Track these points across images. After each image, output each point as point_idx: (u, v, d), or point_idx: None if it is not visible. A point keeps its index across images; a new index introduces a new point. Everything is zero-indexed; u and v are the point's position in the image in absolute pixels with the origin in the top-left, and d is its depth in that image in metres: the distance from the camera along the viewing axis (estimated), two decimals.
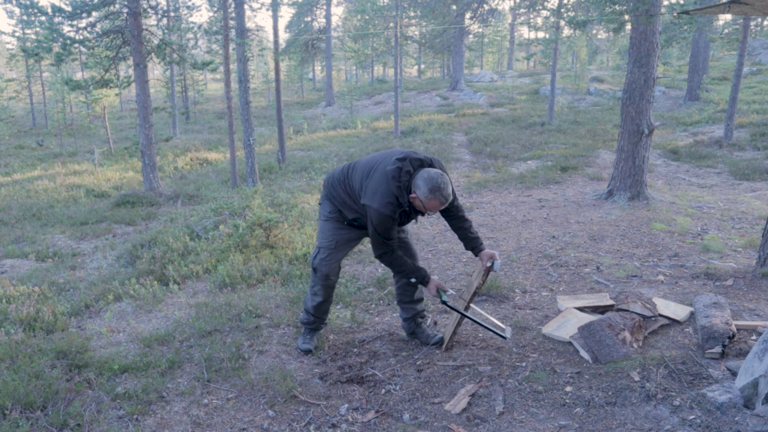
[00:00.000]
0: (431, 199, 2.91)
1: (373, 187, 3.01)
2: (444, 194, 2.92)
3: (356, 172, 3.20)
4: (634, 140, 7.41)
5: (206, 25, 19.76)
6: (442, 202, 2.93)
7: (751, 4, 3.54)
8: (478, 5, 23.47)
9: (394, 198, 2.96)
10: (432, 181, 2.90)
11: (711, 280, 4.50)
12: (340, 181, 3.28)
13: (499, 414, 2.79)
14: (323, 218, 3.41)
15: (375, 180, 3.03)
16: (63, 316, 4.43)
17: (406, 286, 3.53)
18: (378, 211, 2.97)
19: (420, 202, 2.95)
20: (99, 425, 2.79)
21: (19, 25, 25.27)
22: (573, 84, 24.41)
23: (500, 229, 6.57)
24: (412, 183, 2.96)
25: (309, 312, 3.56)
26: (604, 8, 8.79)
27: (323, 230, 3.41)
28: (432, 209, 2.98)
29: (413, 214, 3.14)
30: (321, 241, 3.41)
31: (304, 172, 11.87)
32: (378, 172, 3.04)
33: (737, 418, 2.54)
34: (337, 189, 3.30)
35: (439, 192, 2.90)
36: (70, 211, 9.66)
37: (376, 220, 3.00)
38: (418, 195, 2.93)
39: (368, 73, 41.11)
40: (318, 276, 3.45)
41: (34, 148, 19.06)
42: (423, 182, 2.91)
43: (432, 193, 2.89)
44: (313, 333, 3.62)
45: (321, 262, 3.40)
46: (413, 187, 2.95)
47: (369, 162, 3.17)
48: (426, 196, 2.90)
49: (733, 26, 19.29)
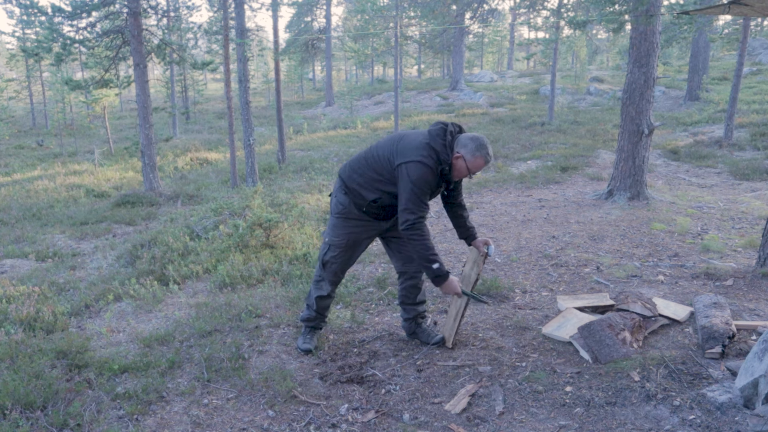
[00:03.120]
0: (477, 157, 2.96)
1: (413, 145, 2.97)
2: (489, 153, 3.00)
3: (380, 146, 3.14)
4: (634, 140, 7.41)
5: (206, 25, 19.78)
6: (486, 160, 2.99)
7: (751, 5, 3.54)
8: (478, 5, 23.48)
9: (436, 154, 2.94)
10: (478, 139, 2.98)
11: (711, 280, 4.50)
12: (359, 160, 3.21)
13: (499, 414, 2.79)
14: (336, 214, 3.29)
15: (413, 139, 3.00)
16: (63, 316, 4.43)
17: (410, 288, 3.50)
18: (420, 163, 2.91)
19: (464, 161, 2.97)
20: (99, 425, 2.79)
21: (19, 25, 25.30)
22: (573, 84, 24.42)
23: (500, 229, 6.57)
24: (455, 143, 2.99)
25: (311, 307, 3.50)
26: (604, 8, 8.79)
27: (335, 227, 3.30)
28: (476, 168, 2.99)
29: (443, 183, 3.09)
30: (332, 238, 3.31)
31: (304, 172, 11.87)
32: (414, 134, 3.04)
33: (737, 418, 2.54)
34: (355, 170, 3.20)
35: (486, 150, 2.97)
36: (70, 211, 9.66)
37: (415, 174, 2.91)
38: (463, 153, 2.96)
39: (368, 73, 41.11)
40: (327, 271, 3.38)
41: (34, 148, 19.07)
42: (469, 140, 2.97)
43: (479, 151, 2.95)
44: (314, 332, 3.58)
45: (332, 259, 3.33)
46: (458, 146, 2.98)
47: (393, 135, 3.15)
48: (473, 154, 2.95)
49: (733, 26, 19.31)
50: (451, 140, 2.98)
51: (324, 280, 3.41)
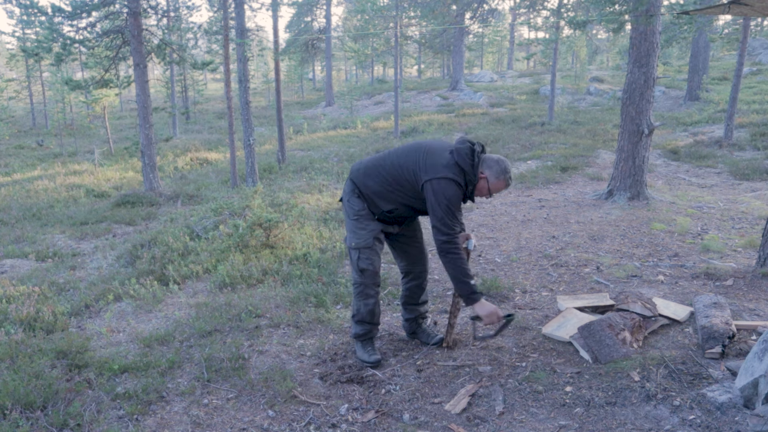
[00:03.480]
0: (500, 180, 3.04)
1: (442, 162, 2.97)
2: (511, 178, 3.08)
3: (401, 155, 3.11)
4: (634, 140, 7.41)
5: (206, 25, 19.78)
6: (507, 184, 3.08)
7: (751, 5, 3.54)
8: (478, 5, 23.48)
9: (463, 174, 2.98)
10: (502, 163, 3.05)
11: (711, 280, 4.50)
12: (375, 167, 3.16)
13: (499, 414, 2.79)
14: (354, 216, 3.21)
15: (440, 156, 3.00)
16: (63, 316, 4.43)
17: (415, 288, 3.48)
18: (452, 181, 2.93)
19: (486, 182, 3.04)
20: (99, 425, 2.79)
21: (19, 25, 25.30)
22: (573, 84, 24.42)
23: (500, 229, 6.57)
24: (481, 163, 3.04)
25: (364, 321, 3.30)
26: (604, 8, 8.79)
27: (356, 229, 3.21)
28: (496, 191, 3.08)
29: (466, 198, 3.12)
30: (357, 241, 3.20)
31: (304, 172, 11.87)
32: (439, 149, 3.05)
33: (737, 418, 2.54)
34: (370, 176, 3.15)
35: (508, 174, 3.06)
36: (70, 211, 9.66)
37: (449, 192, 2.93)
38: (487, 175, 3.03)
39: (368, 73, 41.11)
40: (367, 276, 3.23)
41: (34, 148, 19.07)
42: (495, 162, 3.04)
43: (503, 174, 3.03)
44: (372, 341, 3.40)
45: (367, 263, 3.20)
46: (483, 167, 3.04)
47: (415, 145, 3.15)
48: (497, 177, 3.03)
49: (733, 26, 19.31)
50: (478, 162, 3.02)
51: (367, 287, 3.26)
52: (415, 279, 3.48)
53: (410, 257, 3.44)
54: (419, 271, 3.46)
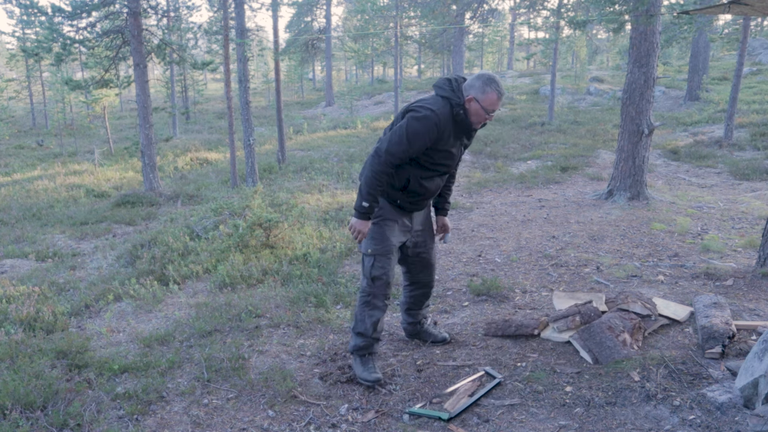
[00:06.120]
0: (488, 93, 2.80)
1: (421, 102, 2.85)
2: (500, 85, 2.83)
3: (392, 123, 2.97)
4: (634, 140, 7.41)
5: (206, 25, 19.78)
6: (500, 93, 2.82)
7: (751, 5, 3.54)
8: (478, 5, 23.46)
9: (445, 100, 2.82)
10: (482, 75, 2.83)
11: (711, 280, 4.50)
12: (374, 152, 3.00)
13: (499, 414, 2.79)
14: (373, 219, 3.01)
15: (421, 98, 2.88)
16: (63, 316, 4.43)
17: (420, 296, 3.40)
18: (425, 107, 2.78)
19: (477, 103, 2.81)
20: (99, 425, 2.79)
21: (19, 25, 25.30)
22: (573, 84, 24.42)
23: (500, 229, 6.57)
24: (463, 88, 2.86)
25: (365, 335, 3.09)
26: (604, 8, 8.79)
27: (373, 234, 3.02)
28: (491, 106, 2.82)
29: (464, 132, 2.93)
30: (374, 248, 3.00)
31: (304, 172, 11.87)
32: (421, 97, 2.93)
33: (737, 418, 2.54)
34: None
35: (495, 83, 2.81)
36: (70, 211, 9.66)
37: (416, 115, 2.77)
38: (473, 95, 2.81)
39: (368, 73, 41.11)
40: (378, 286, 3.03)
41: (34, 148, 19.07)
42: (475, 79, 2.84)
43: (488, 86, 2.80)
44: (372, 357, 3.16)
45: (382, 271, 3.01)
46: (465, 90, 2.84)
47: None
48: (483, 91, 2.80)
49: (733, 26, 19.30)
50: (457, 85, 2.85)
51: (376, 297, 3.06)
52: (421, 288, 3.39)
53: (419, 268, 3.32)
54: (426, 281, 3.36)
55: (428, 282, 3.38)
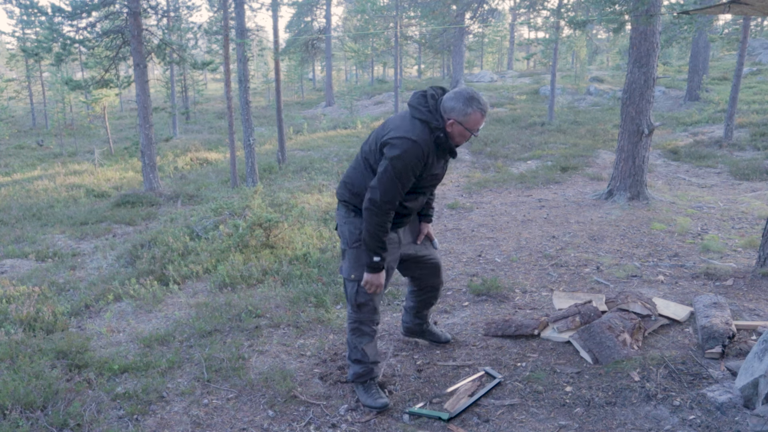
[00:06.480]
0: (471, 114, 2.57)
1: (397, 124, 2.63)
2: (482, 102, 2.59)
3: (369, 139, 2.78)
4: (634, 140, 7.41)
5: (206, 25, 19.79)
6: (483, 111, 2.60)
7: (751, 4, 3.54)
8: (478, 5, 23.46)
9: (424, 124, 2.59)
10: (462, 94, 2.59)
11: (711, 280, 4.50)
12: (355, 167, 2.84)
13: (499, 414, 2.79)
14: (353, 244, 2.81)
15: (397, 119, 2.66)
16: (63, 316, 4.44)
17: (429, 299, 3.29)
18: (404, 138, 2.54)
19: (459, 125, 2.59)
20: (99, 425, 2.80)
21: (19, 25, 25.31)
22: (573, 84, 24.42)
23: (500, 229, 6.57)
24: (440, 107, 2.62)
25: (361, 361, 2.93)
26: (604, 8, 8.79)
27: (356, 260, 2.82)
28: (475, 126, 2.61)
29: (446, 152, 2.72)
30: (357, 273, 2.81)
31: (304, 172, 11.87)
32: (397, 115, 2.71)
33: (737, 418, 2.54)
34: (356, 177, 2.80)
35: (477, 101, 2.58)
36: (70, 211, 9.66)
37: (397, 150, 2.54)
38: (455, 118, 2.58)
39: (368, 73, 41.10)
40: (365, 312, 2.88)
41: (34, 148, 19.07)
42: (454, 97, 2.59)
43: (469, 106, 2.57)
44: (375, 382, 2.99)
45: (367, 297, 2.85)
46: (446, 112, 2.60)
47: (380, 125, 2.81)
48: (464, 112, 2.57)
49: (733, 26, 19.30)
50: (434, 104, 2.63)
51: (363, 324, 2.91)
52: (431, 291, 3.26)
53: (428, 273, 3.19)
54: (437, 285, 3.23)
55: (438, 285, 3.27)
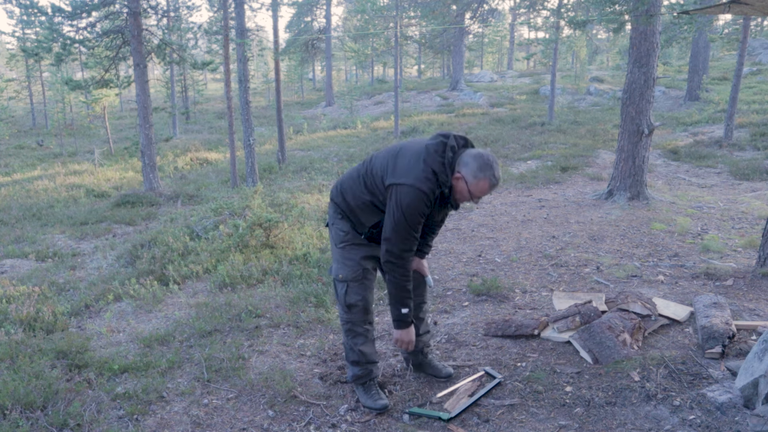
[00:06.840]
0: (481, 179, 2.47)
1: (407, 164, 2.53)
2: (496, 175, 2.50)
3: (377, 159, 2.69)
4: (634, 140, 7.41)
5: (206, 25, 19.79)
6: (492, 184, 2.50)
7: (751, 4, 3.54)
8: (478, 5, 23.46)
9: (434, 175, 2.48)
10: (482, 157, 2.49)
11: (711, 280, 4.50)
12: (351, 178, 2.77)
13: (499, 414, 2.79)
14: (340, 244, 2.80)
15: (409, 156, 2.55)
16: (63, 316, 4.43)
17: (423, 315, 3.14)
18: (413, 187, 2.46)
19: (465, 184, 2.50)
20: (99, 425, 2.80)
21: (19, 25, 25.32)
22: (573, 84, 24.43)
23: (500, 229, 6.57)
24: (456, 160, 2.52)
25: (357, 363, 2.88)
26: (604, 8, 8.79)
27: (343, 259, 2.79)
28: (479, 193, 2.52)
29: (448, 204, 2.65)
30: (345, 273, 2.78)
31: (304, 172, 11.87)
32: (411, 149, 2.59)
33: (737, 418, 2.54)
34: (347, 191, 2.76)
35: (491, 171, 2.48)
36: (70, 211, 9.66)
37: (406, 200, 2.47)
38: (464, 174, 2.49)
39: (368, 73, 41.11)
40: (355, 313, 2.81)
41: (34, 148, 19.07)
42: (472, 158, 2.49)
43: (482, 172, 2.47)
44: (374, 383, 2.95)
45: (357, 297, 2.79)
46: (459, 165, 2.51)
47: (392, 147, 2.71)
48: (475, 176, 2.47)
49: (733, 26, 19.30)
50: (451, 157, 2.52)
51: (356, 325, 2.84)
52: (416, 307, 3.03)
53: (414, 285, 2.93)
54: (418, 302, 3.01)
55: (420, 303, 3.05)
